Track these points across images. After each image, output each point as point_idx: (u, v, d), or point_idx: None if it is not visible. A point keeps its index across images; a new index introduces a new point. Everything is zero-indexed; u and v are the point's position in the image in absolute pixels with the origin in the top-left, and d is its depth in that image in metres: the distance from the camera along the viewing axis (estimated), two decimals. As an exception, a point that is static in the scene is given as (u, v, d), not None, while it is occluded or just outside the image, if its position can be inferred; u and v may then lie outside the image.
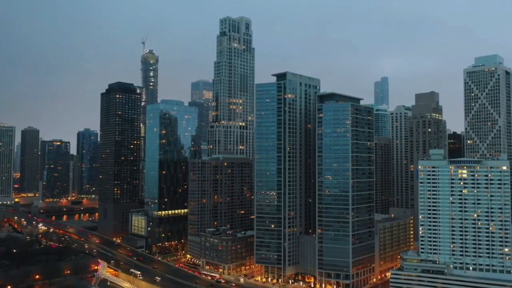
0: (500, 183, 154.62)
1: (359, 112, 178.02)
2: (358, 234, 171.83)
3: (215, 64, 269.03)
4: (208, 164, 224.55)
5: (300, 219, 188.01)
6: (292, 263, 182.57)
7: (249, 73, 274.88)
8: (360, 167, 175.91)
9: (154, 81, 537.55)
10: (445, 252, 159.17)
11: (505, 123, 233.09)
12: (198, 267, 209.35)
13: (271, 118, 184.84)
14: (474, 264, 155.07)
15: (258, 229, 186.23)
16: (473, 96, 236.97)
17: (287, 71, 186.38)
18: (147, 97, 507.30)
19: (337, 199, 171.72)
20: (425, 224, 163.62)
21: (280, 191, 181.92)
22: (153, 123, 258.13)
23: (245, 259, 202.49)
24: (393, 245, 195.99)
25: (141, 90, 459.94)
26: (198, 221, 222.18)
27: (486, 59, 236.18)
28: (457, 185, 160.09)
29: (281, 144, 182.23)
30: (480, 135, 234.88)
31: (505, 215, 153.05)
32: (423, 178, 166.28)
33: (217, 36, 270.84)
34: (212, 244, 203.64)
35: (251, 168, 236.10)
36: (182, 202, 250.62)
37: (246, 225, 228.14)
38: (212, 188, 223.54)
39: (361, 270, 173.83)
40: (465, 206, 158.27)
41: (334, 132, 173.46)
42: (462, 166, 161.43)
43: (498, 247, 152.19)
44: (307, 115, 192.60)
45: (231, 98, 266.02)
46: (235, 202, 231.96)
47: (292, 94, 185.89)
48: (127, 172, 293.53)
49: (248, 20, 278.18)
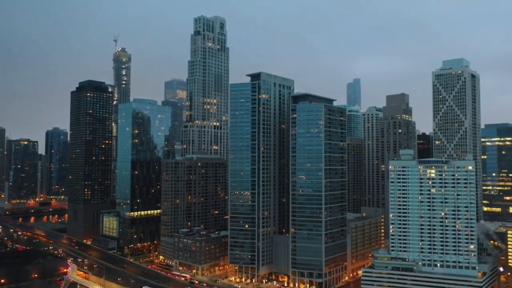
0: (466, 182, 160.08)
1: (332, 113, 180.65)
2: (331, 233, 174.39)
3: (189, 64, 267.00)
4: (182, 164, 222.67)
5: (274, 219, 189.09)
6: (266, 262, 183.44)
7: (223, 73, 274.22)
8: (333, 167, 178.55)
9: (126, 79, 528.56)
10: (414, 250, 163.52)
11: (471, 124, 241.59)
12: (171, 268, 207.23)
13: (245, 118, 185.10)
14: (442, 261, 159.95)
15: (232, 229, 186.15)
16: (441, 98, 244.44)
17: (262, 72, 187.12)
18: (119, 96, 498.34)
19: (310, 199, 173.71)
20: (395, 223, 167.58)
21: (254, 191, 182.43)
22: (125, 123, 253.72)
23: (219, 259, 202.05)
24: (365, 244, 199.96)
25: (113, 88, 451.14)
26: (171, 222, 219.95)
27: (453, 62, 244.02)
28: (426, 185, 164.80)
29: (255, 144, 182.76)
30: (448, 136, 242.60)
31: (471, 213, 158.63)
32: (393, 178, 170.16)
33: (191, 35, 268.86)
34: (186, 245, 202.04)
35: (225, 168, 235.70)
36: (155, 202, 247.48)
37: (220, 226, 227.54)
38: (185, 189, 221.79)
39: (334, 269, 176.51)
40: (433, 205, 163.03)
41: (307, 133, 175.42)
42: (431, 166, 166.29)
43: (464, 244, 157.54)
44: (281, 115, 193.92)
45: (205, 98, 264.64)
46: (209, 203, 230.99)
47: (267, 95, 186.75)
48: (98, 172, 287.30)
49: (223, 20, 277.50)
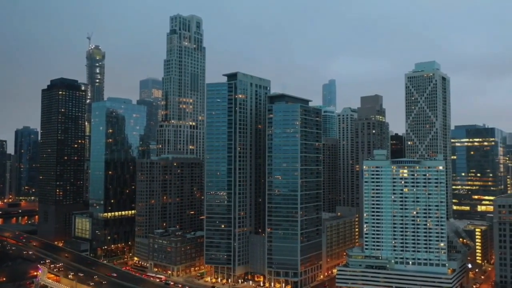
0: (437, 182, 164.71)
1: (308, 113, 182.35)
2: (306, 232, 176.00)
3: (165, 62, 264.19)
4: (157, 164, 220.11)
5: (250, 219, 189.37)
6: (242, 262, 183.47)
7: (199, 72, 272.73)
8: (309, 167, 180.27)
9: (100, 78, 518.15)
10: (387, 248, 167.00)
11: (441, 125, 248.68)
12: (146, 269, 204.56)
13: (221, 118, 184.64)
14: (413, 258, 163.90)
15: (208, 229, 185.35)
16: (413, 100, 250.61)
17: (238, 72, 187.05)
18: (93, 95, 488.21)
19: (286, 199, 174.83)
20: (369, 222, 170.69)
21: (230, 191, 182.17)
22: (98, 122, 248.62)
23: (195, 260, 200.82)
24: (340, 243, 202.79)
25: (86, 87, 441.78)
26: (146, 223, 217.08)
27: (425, 65, 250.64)
28: (399, 184, 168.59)
29: (232, 144, 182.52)
30: (419, 136, 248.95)
31: (441, 212, 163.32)
32: (367, 178, 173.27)
33: (167, 34, 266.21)
34: (161, 246, 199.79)
35: (201, 168, 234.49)
36: (130, 203, 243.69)
37: (196, 226, 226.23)
38: (161, 189, 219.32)
39: (309, 268, 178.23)
40: (406, 204, 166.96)
41: (283, 133, 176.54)
42: (403, 166, 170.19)
43: (434, 242, 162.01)
44: (258, 115, 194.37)
45: (181, 97, 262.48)
46: (185, 203, 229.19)
47: (243, 95, 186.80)
48: (71, 172, 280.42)
49: (199, 19, 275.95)
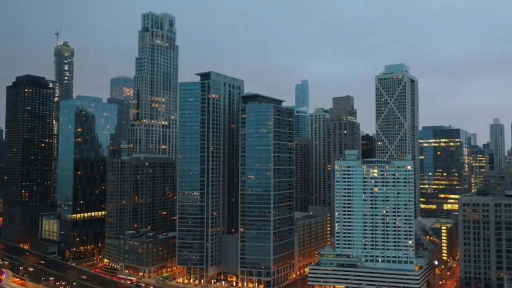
0: (405, 181, 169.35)
1: (281, 114, 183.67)
2: (279, 232, 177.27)
3: (137, 61, 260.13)
4: (128, 164, 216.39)
5: (223, 219, 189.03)
6: (215, 263, 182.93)
7: (172, 71, 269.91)
8: (282, 167, 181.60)
9: (69, 75, 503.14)
10: (358, 246, 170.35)
11: (410, 126, 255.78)
12: (116, 271, 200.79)
13: (194, 117, 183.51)
14: (383, 256, 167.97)
15: (181, 230, 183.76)
16: (383, 101, 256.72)
17: (211, 71, 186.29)
18: (61, 92, 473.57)
19: (259, 198, 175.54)
20: (340, 221, 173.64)
21: (203, 191, 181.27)
22: (67, 120, 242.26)
23: (167, 261, 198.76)
24: (312, 242, 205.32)
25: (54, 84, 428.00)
26: (116, 224, 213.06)
27: (395, 67, 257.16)
28: (369, 184, 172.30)
29: (205, 144, 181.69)
30: (389, 137, 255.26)
31: (409, 210, 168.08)
32: (339, 177, 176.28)
33: (139, 32, 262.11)
34: (132, 247, 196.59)
35: (173, 168, 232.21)
36: (100, 204, 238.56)
37: (168, 226, 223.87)
38: (132, 189, 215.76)
39: (282, 267, 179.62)
40: (376, 203, 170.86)
41: (256, 133, 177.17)
42: (373, 166, 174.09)
43: (403, 240, 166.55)
44: (231, 115, 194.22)
45: (154, 96, 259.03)
46: (157, 203, 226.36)
47: (216, 94, 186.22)
48: (37, 172, 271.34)
49: (172, 17, 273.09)
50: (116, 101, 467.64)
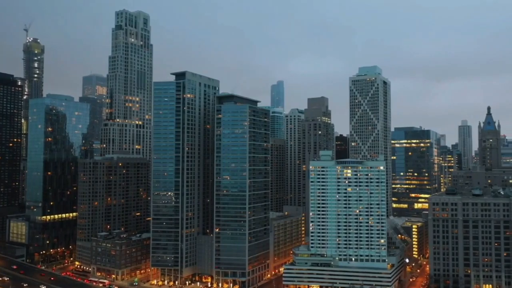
0: (378, 181, 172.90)
1: (256, 114, 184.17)
2: (254, 232, 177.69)
3: (110, 59, 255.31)
4: (101, 165, 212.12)
5: (198, 220, 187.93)
6: (189, 264, 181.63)
7: (147, 70, 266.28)
8: (257, 167, 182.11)
9: (39, 73, 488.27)
10: (332, 246, 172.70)
11: (382, 127, 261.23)
12: (88, 274, 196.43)
13: (169, 117, 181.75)
14: (356, 255, 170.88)
15: (155, 231, 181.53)
16: (356, 103, 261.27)
17: (187, 71, 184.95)
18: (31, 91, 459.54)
19: (234, 199, 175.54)
20: (314, 221, 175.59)
21: (178, 191, 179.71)
22: (37, 119, 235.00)
23: (141, 262, 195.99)
24: (286, 241, 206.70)
25: (23, 82, 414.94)
26: (88, 225, 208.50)
27: (368, 69, 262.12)
28: (343, 184, 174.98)
29: (180, 144, 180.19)
30: (362, 138, 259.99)
31: (382, 210, 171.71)
32: (313, 178, 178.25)
33: (113, 30, 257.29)
34: (104, 249, 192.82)
35: (148, 169, 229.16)
36: (71, 205, 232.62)
37: (142, 228, 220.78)
38: (105, 190, 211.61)
39: (257, 267, 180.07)
40: (349, 203, 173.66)
41: (232, 133, 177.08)
42: (347, 166, 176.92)
43: (375, 239, 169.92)
44: (206, 115, 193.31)
45: (127, 95, 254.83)
46: (130, 204, 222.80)
47: (191, 94, 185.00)
48: (5, 173, 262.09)
49: (146, 16, 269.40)
50: (88, 100, 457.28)
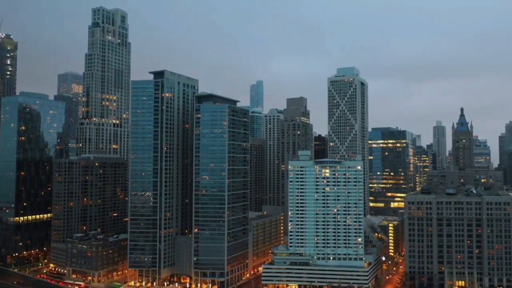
0: (355, 181, 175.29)
1: (235, 114, 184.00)
2: (233, 232, 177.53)
3: (86, 56, 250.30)
4: (77, 164, 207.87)
5: (177, 220, 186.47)
6: (168, 264, 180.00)
7: (124, 69, 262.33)
8: (236, 167, 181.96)
9: (12, 70, 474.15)
10: (310, 245, 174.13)
11: (360, 128, 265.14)
12: (63, 276, 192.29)
13: (147, 116, 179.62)
14: (334, 254, 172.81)
15: (132, 231, 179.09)
16: (335, 103, 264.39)
17: (165, 70, 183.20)
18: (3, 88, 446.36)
19: (213, 199, 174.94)
20: (293, 220, 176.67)
21: (156, 191, 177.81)
22: (9, 118, 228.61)
23: (118, 264, 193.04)
24: (265, 241, 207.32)
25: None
26: (64, 226, 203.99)
27: (346, 70, 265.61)
28: (321, 183, 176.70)
29: (158, 143, 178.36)
30: (340, 138, 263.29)
31: (359, 209, 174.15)
32: (292, 177, 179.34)
33: (89, 27, 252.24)
34: (80, 251, 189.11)
35: (125, 169, 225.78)
36: (45, 206, 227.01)
37: (119, 228, 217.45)
38: (81, 190, 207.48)
39: (236, 267, 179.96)
40: (327, 202, 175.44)
41: (211, 133, 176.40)
42: (325, 166, 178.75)
43: (353, 238, 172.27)
44: (185, 115, 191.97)
45: (104, 94, 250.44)
46: (107, 205, 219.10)
47: (170, 93, 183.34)
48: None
49: (124, 13, 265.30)
50: (64, 98, 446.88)
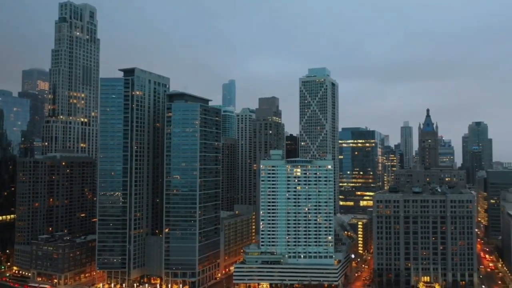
0: (326, 180, 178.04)
1: (207, 113, 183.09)
2: (205, 231, 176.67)
3: (53, 52, 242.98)
4: (42, 164, 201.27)
5: (147, 220, 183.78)
6: (138, 265, 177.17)
7: (93, 66, 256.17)
8: (208, 166, 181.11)
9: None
10: (281, 244, 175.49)
11: (331, 128, 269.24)
12: (28, 279, 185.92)
13: (117, 115, 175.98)
14: (305, 252, 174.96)
15: (101, 232, 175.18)
16: (306, 103, 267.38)
17: (136, 67, 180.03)
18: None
19: (184, 198, 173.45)
20: (265, 219, 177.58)
21: (126, 191, 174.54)
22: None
23: (85, 266, 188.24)
24: (237, 240, 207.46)
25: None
26: (28, 228, 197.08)
27: (317, 71, 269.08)
28: (292, 182, 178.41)
29: (128, 142, 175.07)
30: (311, 137, 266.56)
31: (330, 207, 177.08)
32: (264, 177, 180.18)
33: (56, 22, 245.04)
34: (46, 253, 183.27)
35: (94, 168, 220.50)
36: (8, 207, 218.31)
37: (87, 229, 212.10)
38: (46, 190, 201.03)
39: (207, 267, 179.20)
40: (299, 201, 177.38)
41: (183, 132, 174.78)
42: (297, 165, 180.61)
43: (323, 236, 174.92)
44: (156, 113, 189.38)
45: (72, 91, 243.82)
46: (75, 205, 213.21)
47: (140, 91, 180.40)
48: None
49: (93, 9, 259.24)
50: (29, 95, 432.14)
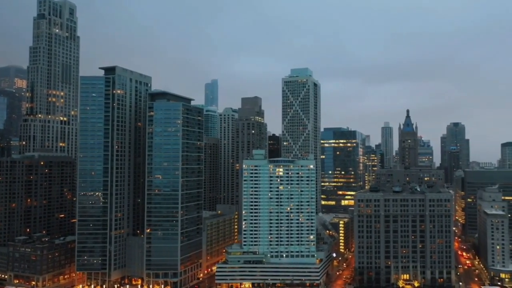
0: (308, 179, 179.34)
1: (190, 112, 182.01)
2: (187, 232, 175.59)
3: (31, 50, 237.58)
4: (20, 163, 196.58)
5: (128, 220, 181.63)
6: (118, 266, 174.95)
7: (73, 64, 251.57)
8: (190, 166, 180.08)
9: None
10: (264, 243, 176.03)
11: (313, 128, 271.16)
12: (4, 282, 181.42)
13: (97, 114, 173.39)
14: (287, 251, 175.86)
15: (80, 233, 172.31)
16: (289, 103, 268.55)
17: (117, 66, 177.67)
18: None
19: (166, 198, 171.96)
20: (247, 219, 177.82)
21: (106, 191, 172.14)
22: None
23: (65, 267, 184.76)
24: (219, 240, 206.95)
25: None
26: (4, 229, 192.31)
27: (299, 71, 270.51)
28: (275, 182, 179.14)
29: (109, 142, 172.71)
30: (294, 137, 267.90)
31: (312, 207, 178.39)
32: (246, 176, 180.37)
33: (34, 18, 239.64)
34: (23, 254, 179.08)
35: (73, 168, 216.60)
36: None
37: (67, 230, 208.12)
38: (24, 191, 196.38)
39: (189, 267, 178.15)
40: (281, 200, 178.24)
41: (164, 131, 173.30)
42: (279, 165, 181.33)
43: (305, 235, 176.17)
44: (137, 112, 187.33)
45: (51, 90, 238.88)
46: (53, 205, 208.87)
47: (122, 90, 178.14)
48: None
49: (73, 5, 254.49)
50: (5, 93, 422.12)
